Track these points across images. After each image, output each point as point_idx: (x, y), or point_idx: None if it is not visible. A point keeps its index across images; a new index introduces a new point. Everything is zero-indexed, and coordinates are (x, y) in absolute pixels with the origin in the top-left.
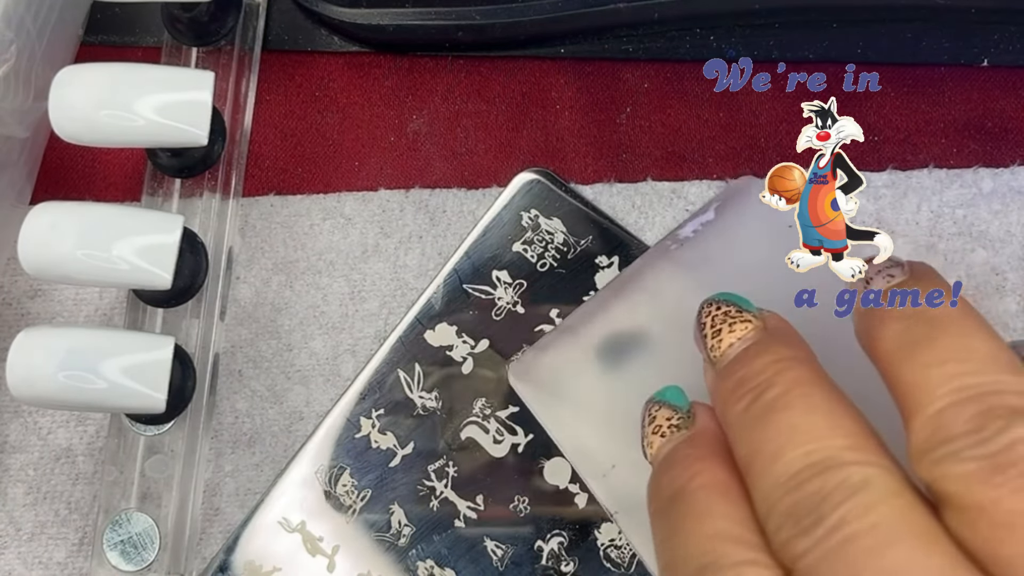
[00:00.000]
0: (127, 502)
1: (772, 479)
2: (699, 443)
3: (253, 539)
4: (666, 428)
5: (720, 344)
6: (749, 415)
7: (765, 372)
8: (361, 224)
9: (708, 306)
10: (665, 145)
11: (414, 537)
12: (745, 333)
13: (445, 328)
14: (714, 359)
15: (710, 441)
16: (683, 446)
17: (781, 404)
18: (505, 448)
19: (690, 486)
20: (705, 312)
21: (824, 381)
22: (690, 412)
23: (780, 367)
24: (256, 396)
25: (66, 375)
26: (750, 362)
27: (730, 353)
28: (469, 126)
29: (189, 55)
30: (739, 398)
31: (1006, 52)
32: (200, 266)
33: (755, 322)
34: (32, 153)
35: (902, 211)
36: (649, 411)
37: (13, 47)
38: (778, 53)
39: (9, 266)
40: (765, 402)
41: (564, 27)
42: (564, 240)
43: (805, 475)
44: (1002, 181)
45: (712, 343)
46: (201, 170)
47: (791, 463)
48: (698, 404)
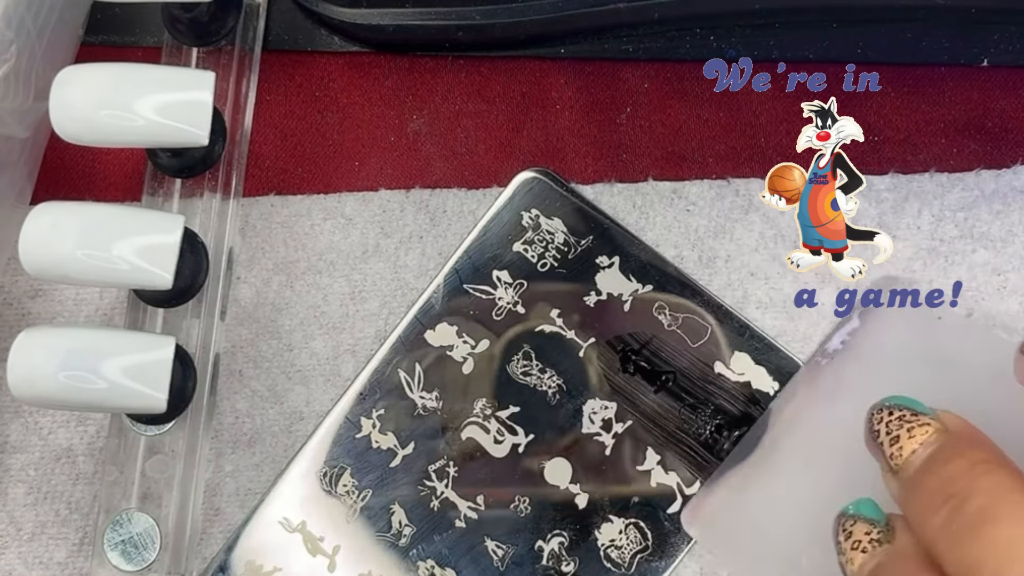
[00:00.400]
0: (128, 502)
1: None
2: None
3: (254, 539)
4: (866, 544)
5: (901, 452)
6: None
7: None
8: (362, 224)
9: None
10: (665, 145)
11: (415, 537)
12: (927, 437)
13: (445, 328)
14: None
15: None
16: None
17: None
18: (506, 448)
19: None
20: (876, 418)
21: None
22: (888, 525)
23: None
24: (256, 396)
25: (67, 375)
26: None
27: (914, 461)
28: (469, 126)
29: (189, 55)
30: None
31: (1006, 52)
32: (201, 266)
33: (934, 424)
34: (32, 153)
35: (904, 215)
36: (843, 526)
37: (13, 47)
38: (778, 53)
39: (10, 266)
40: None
41: (564, 27)
42: (565, 240)
43: None
44: (1004, 181)
45: (892, 451)
46: (201, 170)
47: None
48: (896, 517)
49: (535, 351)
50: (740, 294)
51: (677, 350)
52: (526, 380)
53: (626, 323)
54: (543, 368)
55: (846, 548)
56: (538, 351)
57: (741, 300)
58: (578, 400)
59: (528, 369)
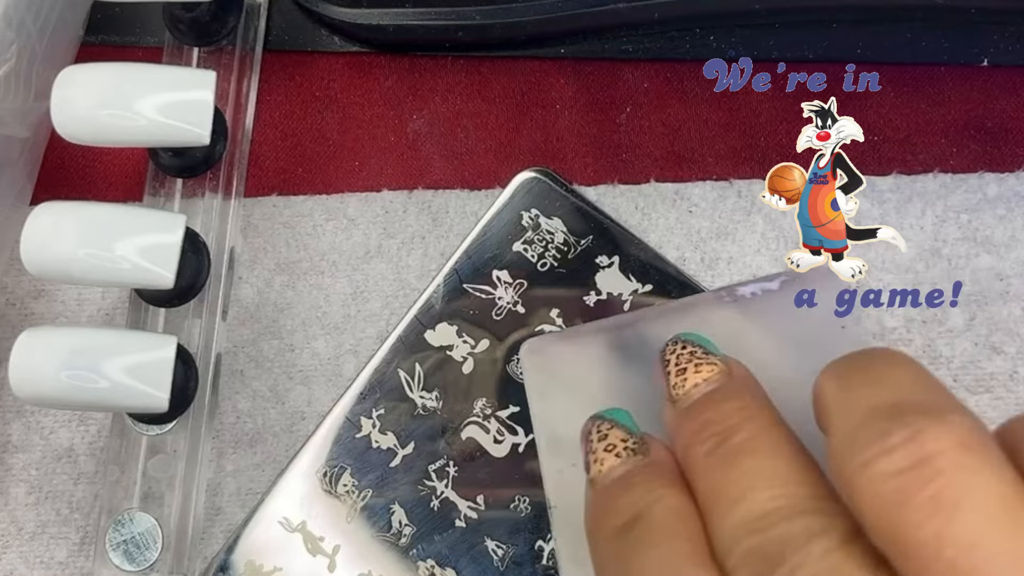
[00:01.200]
0: (129, 502)
1: (735, 519)
2: (658, 471)
3: (254, 539)
4: (621, 449)
5: (684, 383)
6: (715, 456)
7: (732, 417)
8: (364, 225)
9: (674, 344)
10: (665, 145)
11: (415, 537)
12: (711, 375)
13: (445, 328)
14: (676, 396)
15: (671, 470)
16: (642, 470)
17: (747, 448)
18: (506, 448)
19: (653, 508)
20: (670, 349)
21: (786, 430)
22: (643, 440)
23: (747, 413)
24: (258, 396)
25: (69, 375)
26: (717, 405)
27: (694, 393)
28: (469, 126)
29: (190, 55)
30: (704, 439)
31: (1006, 52)
32: (202, 266)
33: (721, 366)
34: (32, 153)
35: (906, 216)
36: (598, 427)
37: (14, 47)
38: (778, 53)
39: (13, 266)
40: (731, 445)
41: (564, 27)
42: (564, 240)
43: (770, 519)
44: (1007, 186)
45: (676, 380)
46: (203, 170)
47: (756, 505)
48: (651, 436)
49: None
50: None
51: None
52: None
53: None
54: None
55: (597, 448)
56: None
57: None
58: None
59: None
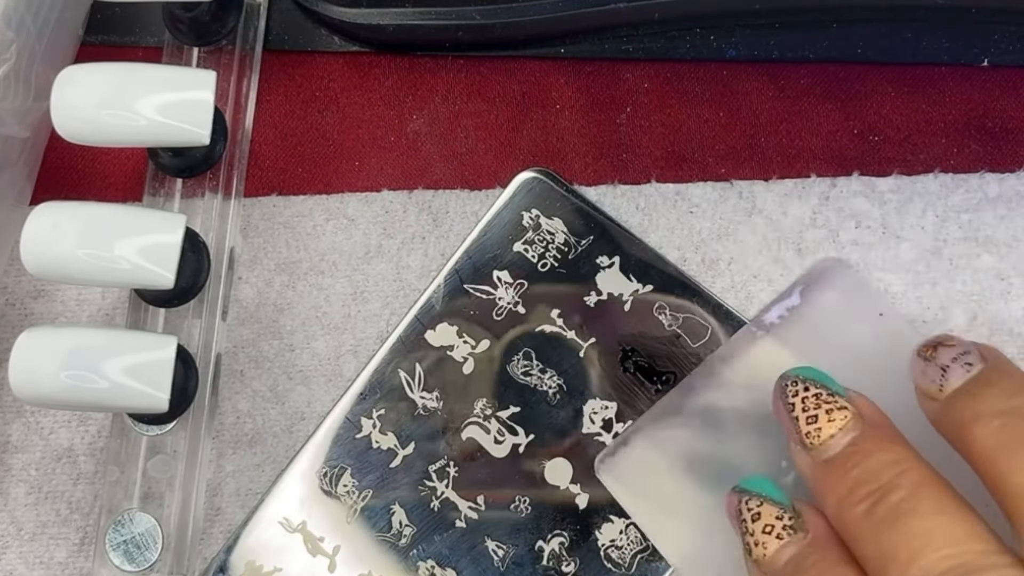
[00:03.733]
0: (129, 502)
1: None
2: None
3: (254, 539)
4: (780, 530)
5: (820, 433)
6: (875, 517)
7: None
8: (364, 225)
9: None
10: (665, 145)
11: (415, 537)
12: (845, 424)
13: (446, 328)
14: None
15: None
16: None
17: (907, 508)
18: (506, 448)
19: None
20: (792, 391)
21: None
22: (796, 512)
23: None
24: (258, 396)
25: (69, 375)
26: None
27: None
28: (469, 126)
29: (190, 55)
30: (859, 500)
31: (1006, 52)
32: (202, 266)
33: (851, 409)
34: (32, 153)
35: (907, 215)
36: (747, 504)
37: (13, 47)
38: (778, 53)
39: (12, 267)
40: (891, 506)
41: (564, 27)
42: (565, 240)
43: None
44: (1008, 186)
45: (809, 430)
46: (202, 170)
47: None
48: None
49: (535, 351)
50: (743, 296)
51: (677, 350)
52: (526, 380)
53: (626, 323)
54: (543, 368)
55: (755, 530)
56: (538, 351)
57: (744, 302)
58: (578, 400)
59: (528, 369)
